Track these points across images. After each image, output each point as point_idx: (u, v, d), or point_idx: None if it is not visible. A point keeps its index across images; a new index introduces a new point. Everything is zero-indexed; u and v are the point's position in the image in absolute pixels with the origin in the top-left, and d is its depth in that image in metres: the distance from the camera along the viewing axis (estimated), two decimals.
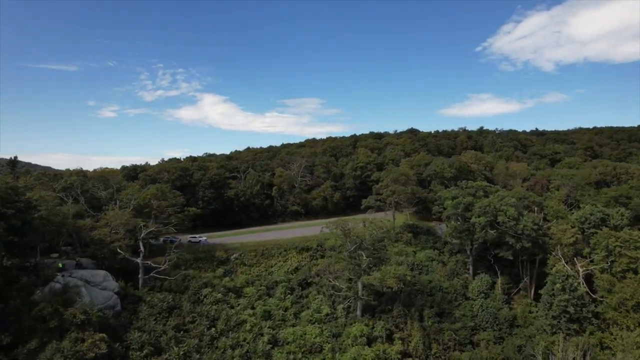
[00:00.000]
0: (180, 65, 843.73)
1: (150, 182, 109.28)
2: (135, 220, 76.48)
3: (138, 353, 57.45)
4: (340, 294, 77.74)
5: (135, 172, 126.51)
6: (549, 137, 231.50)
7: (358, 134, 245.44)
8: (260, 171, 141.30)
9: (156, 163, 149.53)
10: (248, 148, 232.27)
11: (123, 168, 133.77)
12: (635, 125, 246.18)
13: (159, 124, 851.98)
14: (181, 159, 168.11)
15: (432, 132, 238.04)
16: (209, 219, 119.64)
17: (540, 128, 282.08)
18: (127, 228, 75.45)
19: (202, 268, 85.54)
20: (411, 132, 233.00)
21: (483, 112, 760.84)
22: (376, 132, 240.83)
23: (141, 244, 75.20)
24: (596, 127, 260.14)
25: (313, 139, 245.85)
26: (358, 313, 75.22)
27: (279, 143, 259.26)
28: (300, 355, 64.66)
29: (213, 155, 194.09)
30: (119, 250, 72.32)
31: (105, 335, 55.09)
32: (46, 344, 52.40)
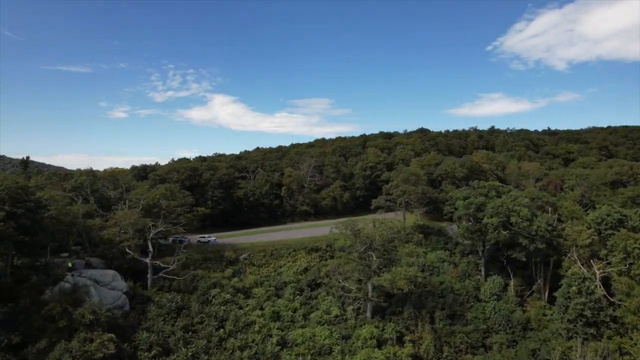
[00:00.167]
0: (190, 66, 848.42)
1: (159, 182, 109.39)
2: (144, 220, 76.33)
3: (146, 354, 57.15)
4: (349, 295, 76.78)
5: (145, 172, 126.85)
6: (562, 137, 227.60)
7: (367, 134, 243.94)
8: (269, 171, 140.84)
9: (166, 163, 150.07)
10: (257, 148, 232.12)
11: (133, 168, 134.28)
12: None
13: (170, 125, 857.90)
14: (190, 159, 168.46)
15: (443, 132, 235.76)
16: (218, 219, 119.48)
17: (552, 127, 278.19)
18: (136, 228, 75.33)
19: (211, 268, 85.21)
20: (421, 132, 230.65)
21: (494, 112, 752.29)
22: (386, 132, 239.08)
23: (150, 244, 75.02)
24: (610, 127, 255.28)
25: (322, 139, 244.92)
26: (368, 315, 74.22)
27: (288, 143, 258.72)
28: (309, 357, 63.91)
29: (222, 155, 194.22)
30: (128, 250, 72.20)
31: (113, 335, 54.92)
32: (55, 344, 52.37)
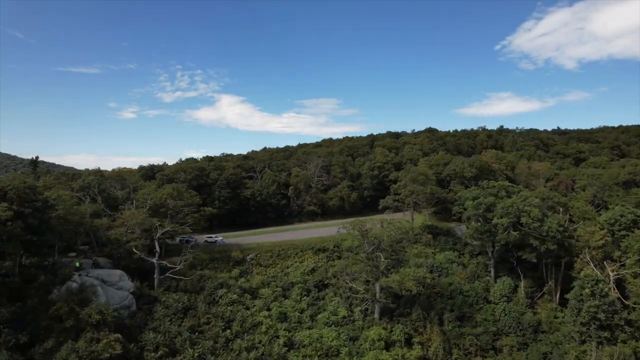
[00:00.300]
0: (198, 66, 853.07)
1: (167, 182, 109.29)
2: (151, 220, 76.21)
3: (153, 354, 56.91)
4: (357, 296, 76.10)
5: (152, 172, 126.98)
6: (572, 136, 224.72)
7: (375, 134, 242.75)
8: (276, 171, 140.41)
9: (174, 163, 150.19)
10: (265, 148, 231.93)
11: (140, 168, 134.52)
12: None
13: (178, 125, 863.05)
14: (198, 159, 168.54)
15: (451, 132, 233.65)
16: (225, 219, 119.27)
17: (562, 127, 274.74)
18: (143, 228, 75.22)
19: (218, 268, 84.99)
20: (429, 132, 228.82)
21: (502, 111, 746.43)
22: (393, 132, 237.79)
23: (157, 244, 74.87)
24: (622, 126, 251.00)
25: (330, 139, 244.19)
26: (376, 316, 73.44)
27: (296, 143, 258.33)
28: (316, 358, 63.39)
29: (230, 155, 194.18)
30: (135, 250, 72.10)
31: (120, 335, 54.85)
32: (62, 344, 52.39)
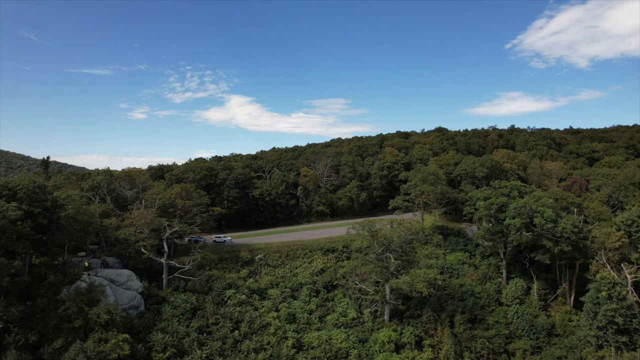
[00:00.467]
0: (208, 67, 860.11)
1: (176, 182, 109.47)
2: (159, 219, 76.10)
3: (161, 355, 56.56)
4: (367, 298, 75.22)
5: (161, 172, 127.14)
6: (585, 135, 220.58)
7: (384, 133, 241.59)
8: (285, 171, 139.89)
9: (183, 163, 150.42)
10: (273, 148, 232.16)
11: (149, 168, 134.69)
12: None
13: (188, 126, 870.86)
14: (207, 159, 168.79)
15: (461, 131, 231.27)
16: (234, 219, 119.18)
17: (574, 126, 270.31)
18: (152, 227, 75.11)
19: (226, 269, 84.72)
20: (439, 131, 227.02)
21: (513, 111, 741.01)
22: (403, 131, 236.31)
23: (165, 244, 74.70)
24: (637, 125, 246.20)
25: (339, 139, 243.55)
26: (386, 318, 72.46)
27: (304, 143, 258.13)
28: None
29: (239, 155, 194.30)
30: (143, 249, 71.96)
31: (128, 336, 54.69)
32: (71, 344, 52.38)
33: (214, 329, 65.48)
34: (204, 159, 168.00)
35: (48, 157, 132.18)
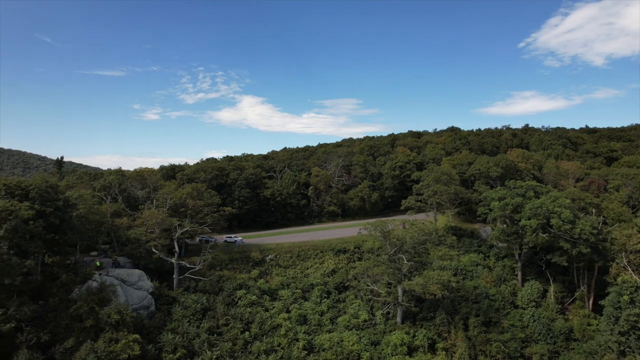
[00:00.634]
0: (220, 68, 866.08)
1: (187, 182, 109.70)
2: (170, 219, 76.07)
3: (171, 356, 56.21)
4: (379, 299, 74.15)
5: (173, 172, 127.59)
6: (602, 134, 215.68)
7: (396, 133, 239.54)
8: (296, 171, 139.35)
9: (194, 163, 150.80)
10: (284, 148, 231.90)
11: (161, 168, 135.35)
12: None
13: (200, 126, 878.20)
14: (218, 159, 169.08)
15: (474, 130, 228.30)
16: (245, 219, 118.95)
17: (590, 125, 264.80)
18: (163, 227, 75.10)
19: (237, 269, 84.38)
20: (452, 131, 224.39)
21: (526, 110, 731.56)
22: (415, 131, 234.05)
23: (176, 244, 74.62)
24: None
25: (350, 139, 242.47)
26: (398, 320, 71.27)
27: (316, 143, 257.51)
28: None
29: (250, 155, 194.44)
30: (154, 249, 71.95)
31: (138, 336, 54.43)
32: (82, 343, 52.22)
33: (225, 330, 65.03)
34: (215, 159, 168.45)
35: (62, 157, 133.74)
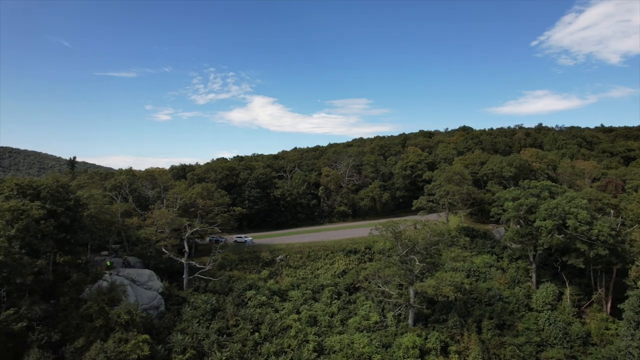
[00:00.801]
0: (230, 68, 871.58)
1: (197, 182, 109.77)
2: (180, 219, 75.90)
3: (180, 356, 55.79)
4: (390, 301, 73.13)
5: (183, 172, 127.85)
6: (619, 133, 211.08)
7: (407, 133, 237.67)
8: (306, 171, 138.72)
9: (204, 163, 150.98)
10: (295, 148, 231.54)
11: (172, 168, 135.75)
12: None
13: (211, 127, 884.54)
14: (228, 159, 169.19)
15: (487, 130, 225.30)
16: (255, 219, 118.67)
17: (605, 124, 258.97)
18: (173, 227, 74.95)
19: (247, 269, 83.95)
20: (464, 130, 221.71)
21: (539, 110, 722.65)
22: (426, 131, 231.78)
23: (186, 244, 74.42)
24: None
25: (360, 139, 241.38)
26: (410, 322, 70.14)
27: (326, 143, 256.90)
28: None
29: (260, 155, 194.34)
30: (164, 249, 71.82)
31: (148, 336, 54.14)
32: (92, 343, 52.06)
33: (234, 331, 64.54)
34: (226, 159, 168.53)
35: (74, 157, 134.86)
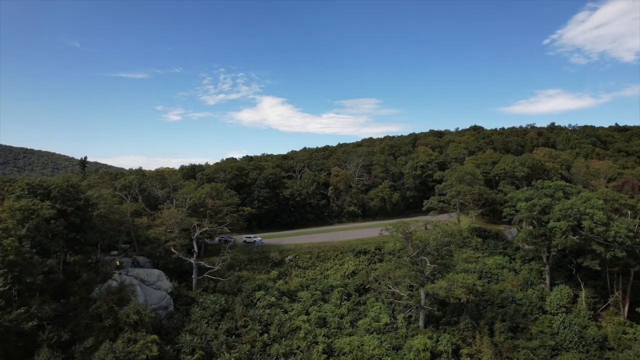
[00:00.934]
0: (240, 69, 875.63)
1: (206, 181, 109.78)
2: (189, 219, 75.81)
3: (189, 357, 55.51)
4: (400, 302, 72.19)
5: (193, 172, 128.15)
6: (635, 132, 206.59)
7: (417, 132, 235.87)
8: (316, 170, 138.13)
9: (214, 163, 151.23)
10: (304, 148, 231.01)
11: (181, 168, 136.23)
12: None
13: (221, 127, 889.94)
14: (237, 159, 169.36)
15: (498, 129, 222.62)
16: (264, 219, 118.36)
17: (620, 124, 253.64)
18: (182, 227, 74.89)
19: (256, 269, 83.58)
20: (474, 130, 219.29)
21: (551, 109, 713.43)
22: (436, 130, 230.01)
23: (195, 244, 74.25)
24: None
25: (370, 138, 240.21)
26: (420, 324, 69.13)
27: (335, 143, 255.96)
28: None
29: (269, 155, 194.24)
30: (173, 249, 71.74)
31: (157, 337, 53.94)
32: (101, 343, 52.04)
33: (243, 332, 64.14)
34: (235, 159, 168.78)
35: (85, 158, 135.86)
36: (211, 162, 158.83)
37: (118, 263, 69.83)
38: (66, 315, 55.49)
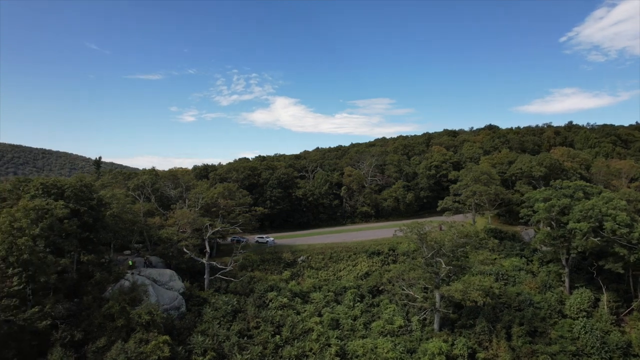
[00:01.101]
0: (253, 70, 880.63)
1: (219, 181, 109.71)
2: (201, 219, 75.65)
3: (201, 358, 55.13)
4: (415, 305, 70.80)
5: (205, 172, 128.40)
6: None
7: (431, 132, 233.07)
8: (328, 170, 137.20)
9: (227, 163, 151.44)
10: (317, 148, 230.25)
11: (194, 168, 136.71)
12: None
13: (234, 127, 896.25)
14: (250, 159, 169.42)
15: (514, 129, 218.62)
16: (277, 219, 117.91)
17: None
18: (194, 227, 74.76)
19: (268, 270, 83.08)
20: (489, 129, 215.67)
21: (567, 108, 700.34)
22: (450, 130, 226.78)
23: (207, 244, 73.97)
24: None
25: (383, 138, 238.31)
26: (435, 327, 67.67)
27: (348, 143, 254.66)
28: None
29: (282, 155, 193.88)
30: (185, 249, 71.58)
31: (168, 337, 53.74)
32: (113, 343, 51.97)
33: (255, 333, 63.55)
34: (248, 159, 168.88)
35: (99, 158, 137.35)
36: (224, 162, 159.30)
37: (131, 263, 69.92)
38: (79, 314, 55.56)
